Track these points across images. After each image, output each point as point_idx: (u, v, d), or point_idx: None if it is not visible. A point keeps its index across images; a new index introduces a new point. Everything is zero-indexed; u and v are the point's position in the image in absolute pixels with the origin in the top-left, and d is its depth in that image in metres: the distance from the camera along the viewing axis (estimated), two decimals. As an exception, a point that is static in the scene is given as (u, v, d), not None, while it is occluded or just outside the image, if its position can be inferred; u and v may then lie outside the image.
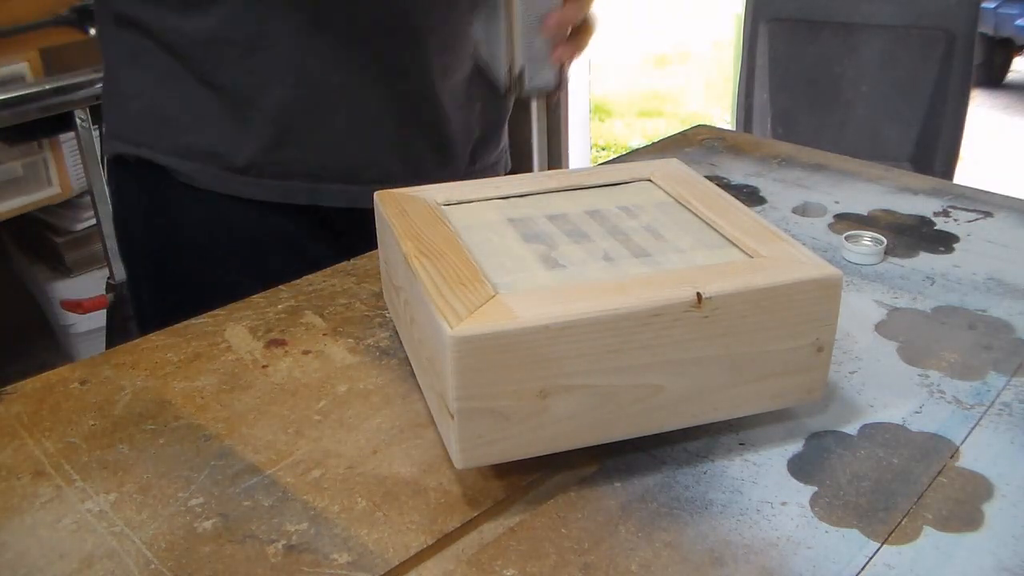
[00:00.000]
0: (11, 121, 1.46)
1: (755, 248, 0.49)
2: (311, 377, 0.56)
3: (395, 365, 0.57)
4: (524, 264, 0.49)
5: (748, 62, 1.89)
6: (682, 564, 0.42)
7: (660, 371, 0.45)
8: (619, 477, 0.48)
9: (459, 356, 0.41)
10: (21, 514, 0.46)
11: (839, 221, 0.77)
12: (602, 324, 0.43)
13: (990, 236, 0.74)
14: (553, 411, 0.44)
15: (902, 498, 0.46)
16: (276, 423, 0.52)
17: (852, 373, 0.56)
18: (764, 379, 0.47)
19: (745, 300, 0.45)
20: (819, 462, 0.49)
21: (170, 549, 0.43)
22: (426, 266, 0.47)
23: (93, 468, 0.49)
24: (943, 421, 0.51)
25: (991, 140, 3.83)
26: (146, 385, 0.56)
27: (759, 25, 1.87)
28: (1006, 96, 4.57)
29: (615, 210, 0.55)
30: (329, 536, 0.44)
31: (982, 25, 2.56)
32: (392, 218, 0.53)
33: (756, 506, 0.45)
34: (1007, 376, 0.55)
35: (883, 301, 0.64)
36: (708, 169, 0.89)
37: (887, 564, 0.42)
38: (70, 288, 1.75)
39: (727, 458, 0.49)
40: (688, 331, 0.44)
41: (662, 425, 0.47)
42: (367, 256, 0.72)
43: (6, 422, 0.52)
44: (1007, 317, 0.62)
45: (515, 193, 0.58)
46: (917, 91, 1.78)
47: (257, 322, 0.62)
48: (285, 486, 0.47)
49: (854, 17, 1.79)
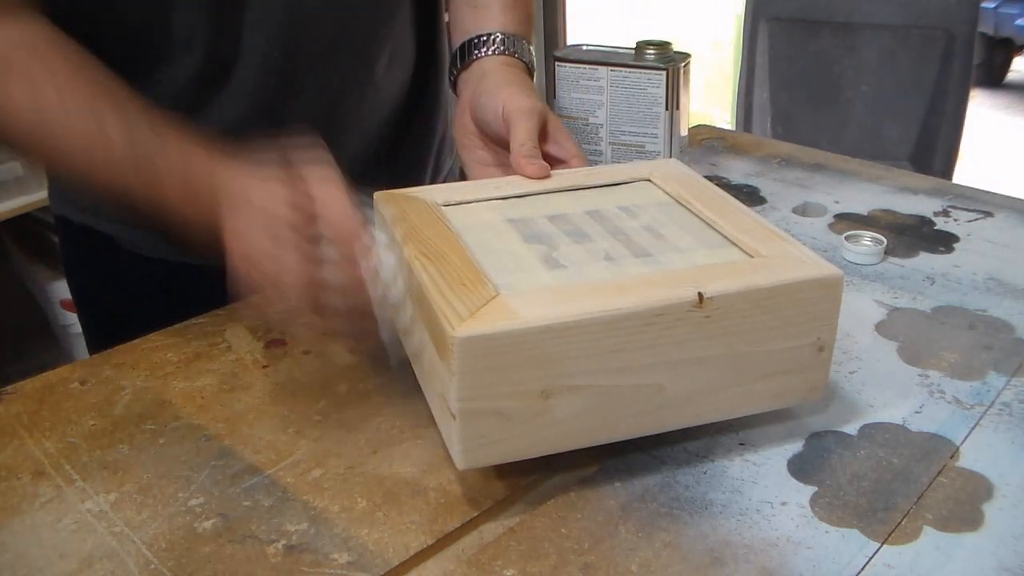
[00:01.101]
0: (11, 121, 1.45)
1: (756, 248, 0.49)
2: (311, 377, 0.56)
3: (395, 365, 0.57)
4: (525, 264, 0.49)
5: (748, 62, 1.89)
6: (682, 564, 0.42)
7: (661, 371, 0.45)
8: (619, 477, 0.48)
9: (461, 357, 0.41)
10: (21, 514, 0.46)
11: (839, 221, 0.77)
12: (604, 324, 0.43)
13: (990, 236, 0.74)
14: (555, 411, 0.44)
15: (902, 498, 0.46)
16: (276, 423, 0.52)
17: (852, 373, 0.56)
18: (765, 379, 0.47)
19: (746, 300, 0.45)
20: (819, 462, 0.49)
21: (170, 549, 0.43)
22: (427, 267, 0.47)
23: (93, 468, 0.49)
24: (943, 421, 0.51)
25: (991, 140, 3.82)
26: (146, 385, 0.56)
27: (759, 25, 1.87)
28: (1006, 96, 4.57)
29: (615, 210, 0.55)
30: (329, 536, 0.44)
31: (982, 25, 2.56)
32: (392, 219, 0.53)
33: (756, 506, 0.45)
34: (1007, 376, 0.55)
35: (883, 301, 0.64)
36: (708, 169, 0.89)
37: (887, 564, 0.42)
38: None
39: (727, 458, 0.49)
40: (689, 331, 0.44)
41: (663, 425, 0.47)
42: (367, 256, 0.72)
43: (6, 422, 0.52)
44: (1007, 317, 0.62)
45: (515, 193, 0.58)
46: (917, 91, 1.78)
47: (257, 322, 0.62)
48: (285, 486, 0.47)
49: (854, 17, 1.79)
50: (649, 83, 0.74)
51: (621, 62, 0.75)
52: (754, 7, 1.88)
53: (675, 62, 0.75)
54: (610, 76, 0.75)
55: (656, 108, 0.75)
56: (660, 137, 0.76)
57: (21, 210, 1.66)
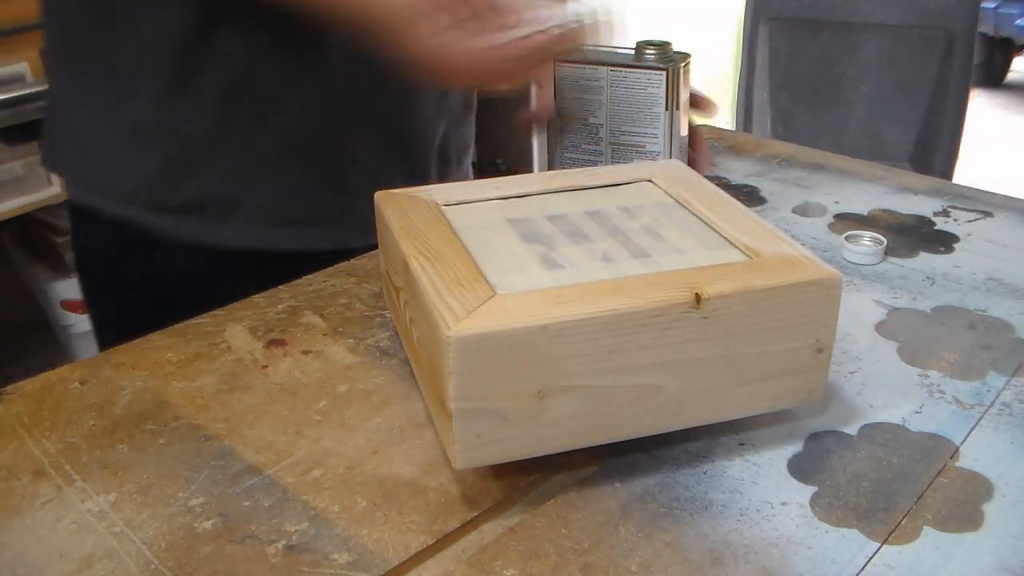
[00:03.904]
0: (11, 121, 1.46)
1: (755, 249, 0.49)
2: (311, 377, 0.56)
3: (395, 365, 0.57)
4: (523, 264, 0.49)
5: (748, 62, 1.90)
6: (682, 564, 0.42)
7: (659, 372, 0.45)
8: (619, 477, 0.48)
9: (457, 356, 0.41)
10: (21, 514, 0.46)
11: (839, 221, 0.77)
12: (601, 324, 0.43)
13: (990, 236, 0.74)
14: (551, 412, 0.44)
15: (902, 498, 0.46)
16: (276, 423, 0.52)
17: (852, 373, 0.56)
18: (764, 380, 0.47)
19: (744, 301, 0.45)
20: (819, 462, 0.49)
21: (170, 549, 0.43)
22: (425, 267, 0.47)
23: (93, 468, 0.49)
24: (943, 421, 0.51)
25: (991, 140, 3.83)
26: (146, 385, 0.56)
27: (759, 25, 1.87)
28: (1006, 96, 4.57)
29: (615, 210, 0.55)
30: (329, 536, 0.44)
31: (982, 25, 2.56)
32: (392, 218, 0.53)
33: (756, 506, 0.45)
34: (1007, 376, 0.55)
35: (883, 301, 0.64)
36: (708, 169, 0.88)
37: (887, 564, 0.42)
38: (70, 288, 1.75)
39: (727, 458, 0.49)
40: (687, 332, 0.44)
41: (661, 426, 0.47)
42: (367, 256, 0.72)
43: (6, 422, 0.52)
44: (1007, 317, 0.62)
45: (515, 193, 0.58)
46: (917, 91, 1.78)
47: (257, 322, 0.62)
48: (285, 486, 0.47)
49: (854, 17, 1.79)
50: (649, 83, 0.74)
51: (621, 62, 0.75)
52: (754, 7, 1.88)
53: (675, 62, 0.75)
54: (610, 76, 0.75)
55: (656, 108, 0.75)
56: (660, 137, 0.76)
57: (21, 210, 1.66)
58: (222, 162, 0.71)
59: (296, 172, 0.73)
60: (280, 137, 0.71)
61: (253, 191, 0.72)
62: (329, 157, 0.74)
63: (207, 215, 0.72)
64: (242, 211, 0.72)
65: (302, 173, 0.73)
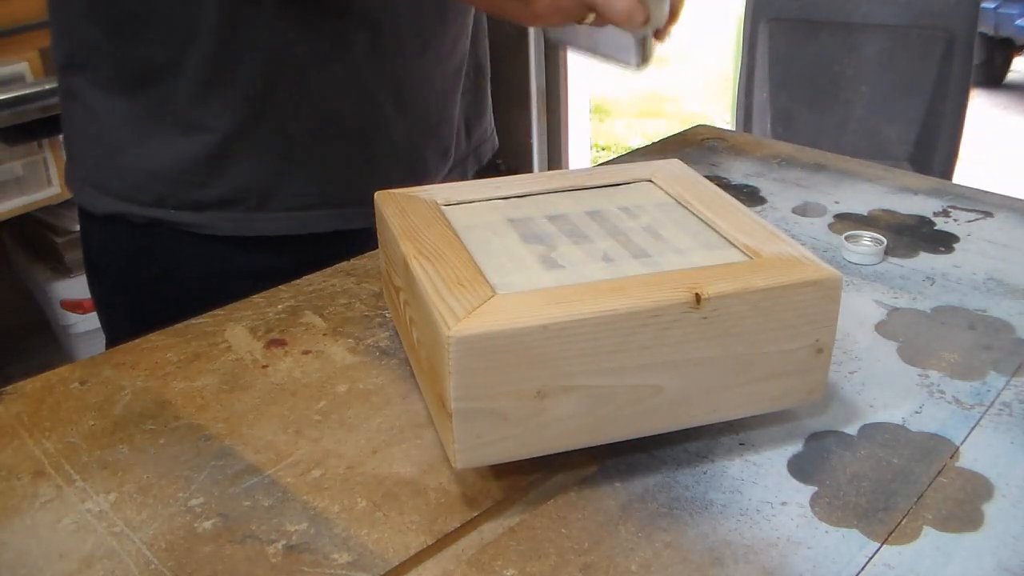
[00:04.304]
0: (11, 121, 1.46)
1: (755, 249, 0.49)
2: (311, 377, 0.56)
3: (395, 365, 0.57)
4: (523, 264, 0.49)
5: (748, 62, 1.89)
6: (682, 564, 0.42)
7: (659, 372, 0.45)
8: (619, 477, 0.48)
9: (457, 356, 0.41)
10: (21, 514, 0.46)
11: (839, 221, 0.77)
12: (600, 324, 0.43)
13: (990, 236, 0.74)
14: (551, 412, 0.44)
15: (902, 498, 0.46)
16: (276, 423, 0.52)
17: (852, 373, 0.56)
18: (763, 380, 0.47)
19: (744, 301, 0.45)
20: (819, 462, 0.49)
21: (170, 549, 0.43)
22: (425, 266, 0.47)
23: (93, 468, 0.49)
24: (943, 421, 0.51)
25: (991, 140, 3.83)
26: (146, 385, 0.56)
27: (759, 25, 1.87)
28: (1006, 96, 4.57)
29: (615, 210, 0.55)
30: (329, 536, 0.44)
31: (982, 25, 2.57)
32: (392, 218, 0.53)
33: (756, 506, 0.45)
34: (1007, 376, 0.55)
35: (883, 301, 0.64)
36: (708, 169, 0.89)
37: (887, 564, 0.42)
38: (70, 288, 1.75)
39: (727, 458, 0.49)
40: (687, 332, 0.44)
41: (662, 426, 0.47)
42: (367, 256, 0.72)
43: (6, 422, 0.52)
44: (1007, 317, 0.62)
45: (515, 193, 0.58)
46: (917, 91, 1.78)
47: (257, 322, 0.62)
48: (285, 486, 0.47)
49: (854, 17, 1.79)
50: None
51: None
52: (754, 7, 1.88)
53: None
54: None
55: None
56: None
57: (21, 210, 1.66)
58: (257, 153, 0.72)
59: (329, 155, 0.74)
60: (312, 122, 0.72)
61: (289, 178, 0.73)
62: (360, 137, 0.75)
63: (245, 207, 0.73)
64: (279, 199, 0.73)
65: (334, 156, 0.74)
